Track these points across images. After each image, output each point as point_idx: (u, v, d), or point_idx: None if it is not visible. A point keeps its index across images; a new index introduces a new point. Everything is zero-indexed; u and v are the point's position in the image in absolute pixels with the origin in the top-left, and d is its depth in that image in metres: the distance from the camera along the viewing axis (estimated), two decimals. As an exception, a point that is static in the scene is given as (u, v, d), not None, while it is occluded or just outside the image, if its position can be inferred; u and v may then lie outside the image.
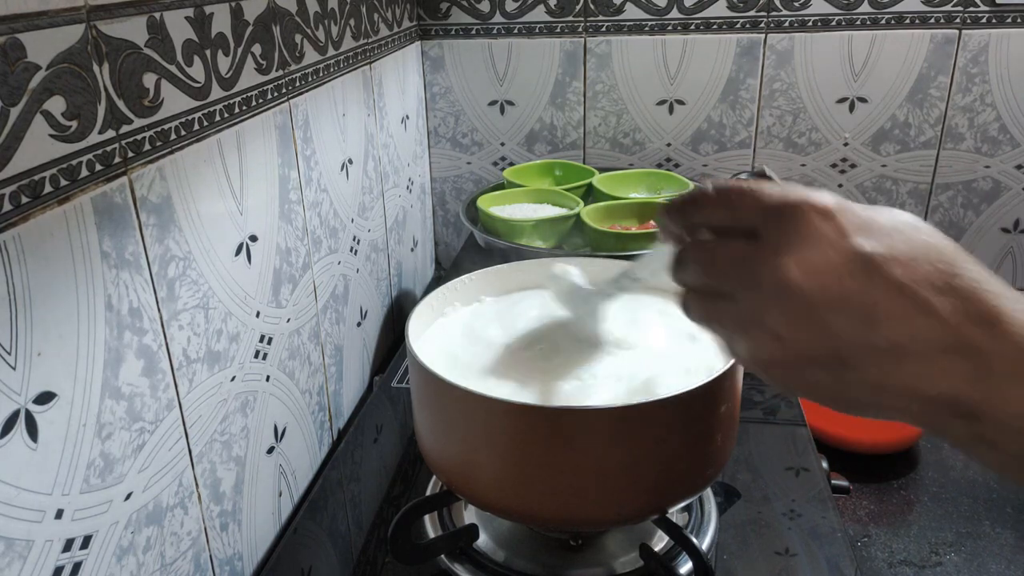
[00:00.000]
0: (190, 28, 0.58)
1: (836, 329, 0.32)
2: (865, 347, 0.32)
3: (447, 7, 1.22)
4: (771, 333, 0.34)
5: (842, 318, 0.32)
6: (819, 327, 0.33)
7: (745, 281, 0.35)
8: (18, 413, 0.42)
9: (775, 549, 0.64)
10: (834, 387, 0.34)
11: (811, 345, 0.33)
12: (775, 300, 0.33)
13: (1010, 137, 1.17)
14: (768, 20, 1.16)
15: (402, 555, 0.57)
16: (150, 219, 0.53)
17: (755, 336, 0.35)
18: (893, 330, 0.32)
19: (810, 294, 0.32)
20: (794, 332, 0.33)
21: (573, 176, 1.16)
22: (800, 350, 0.34)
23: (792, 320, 0.33)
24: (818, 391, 0.34)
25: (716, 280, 0.36)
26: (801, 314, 0.33)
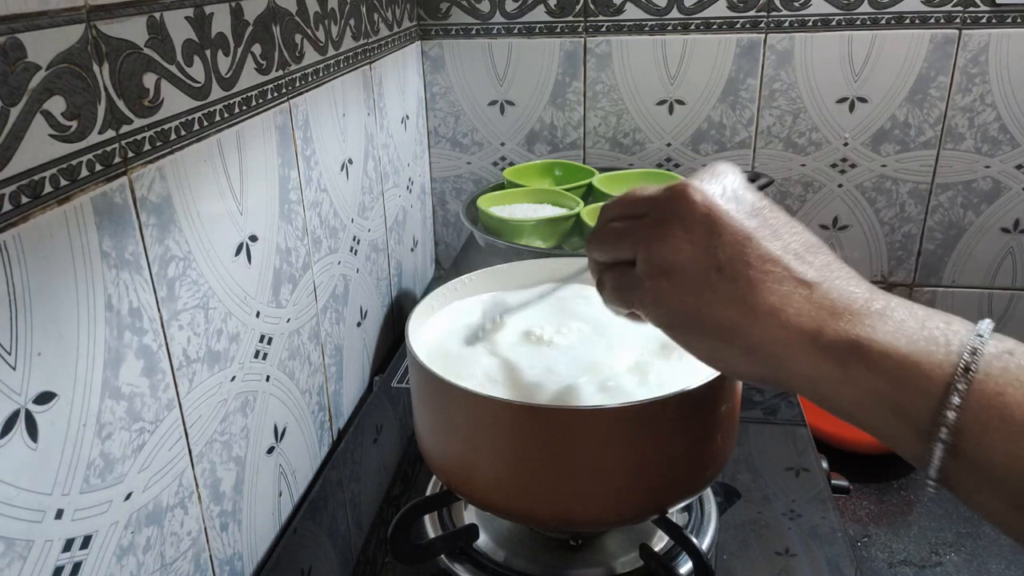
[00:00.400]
0: (190, 28, 0.58)
1: (719, 244, 0.39)
2: (739, 259, 0.38)
3: (447, 7, 1.22)
4: (661, 268, 0.40)
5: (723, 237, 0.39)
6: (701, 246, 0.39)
7: (640, 237, 0.42)
8: (18, 413, 0.42)
9: (775, 549, 0.64)
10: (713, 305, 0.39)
11: (699, 260, 0.39)
12: (661, 239, 0.41)
13: (1010, 137, 1.17)
14: (768, 20, 1.16)
15: (402, 555, 0.57)
16: (150, 219, 0.53)
17: (653, 280, 0.41)
18: (765, 249, 0.38)
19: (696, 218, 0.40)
20: (679, 256, 0.40)
21: (573, 176, 1.16)
22: (690, 268, 0.39)
23: (673, 247, 0.40)
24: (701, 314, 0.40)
25: (616, 247, 0.44)
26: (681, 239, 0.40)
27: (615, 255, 0.45)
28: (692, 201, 0.40)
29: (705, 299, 0.39)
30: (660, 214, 0.41)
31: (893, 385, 0.35)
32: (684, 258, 0.40)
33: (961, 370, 0.33)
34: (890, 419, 0.36)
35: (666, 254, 0.40)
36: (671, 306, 0.41)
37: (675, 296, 0.40)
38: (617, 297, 0.45)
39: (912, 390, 0.35)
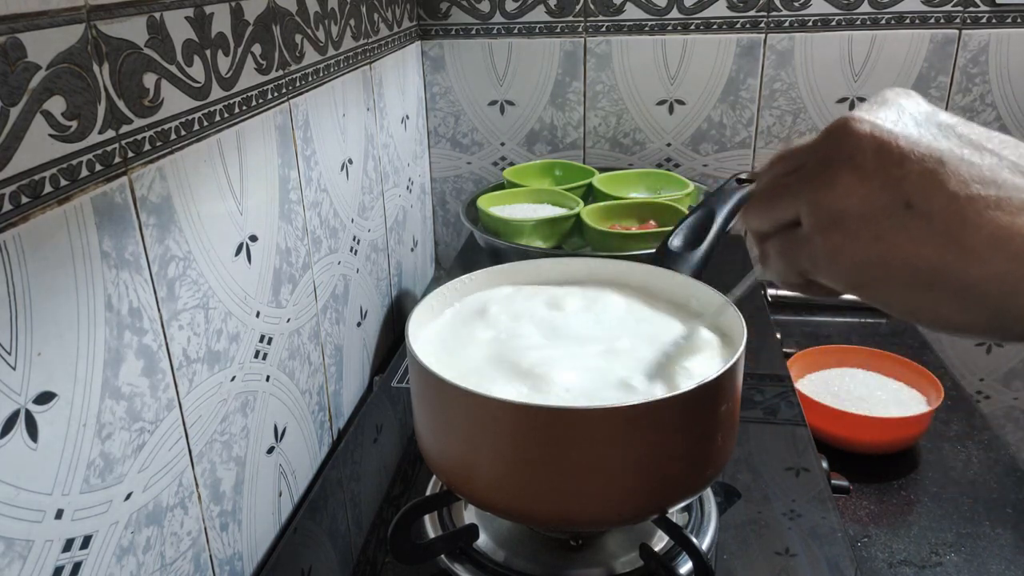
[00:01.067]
0: (190, 28, 0.58)
1: (902, 176, 0.32)
2: (933, 189, 0.32)
3: (447, 7, 1.22)
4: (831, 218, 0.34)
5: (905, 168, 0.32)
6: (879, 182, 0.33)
7: (801, 189, 0.36)
8: (18, 413, 0.42)
9: (775, 549, 0.64)
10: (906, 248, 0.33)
11: (880, 201, 0.33)
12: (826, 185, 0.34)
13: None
14: (768, 20, 1.16)
15: (402, 555, 0.57)
16: (150, 219, 0.53)
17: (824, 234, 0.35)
18: (969, 172, 0.32)
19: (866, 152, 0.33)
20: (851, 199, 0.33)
21: (573, 176, 1.17)
22: (869, 213, 0.33)
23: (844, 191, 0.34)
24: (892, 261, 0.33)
25: (773, 207, 0.38)
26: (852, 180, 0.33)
27: (774, 218, 0.38)
28: (858, 134, 0.34)
29: (895, 243, 0.33)
30: (822, 157, 0.35)
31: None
32: (858, 200, 0.33)
33: None
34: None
35: (834, 200, 0.34)
36: (852, 259, 0.34)
37: (855, 246, 0.34)
38: (785, 265, 0.38)
39: None
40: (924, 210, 0.32)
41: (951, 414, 1.04)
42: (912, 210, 0.32)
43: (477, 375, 0.57)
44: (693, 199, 1.08)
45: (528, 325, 0.63)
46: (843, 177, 0.34)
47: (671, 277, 0.67)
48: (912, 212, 0.32)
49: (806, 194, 0.35)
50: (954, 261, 0.32)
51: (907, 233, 0.32)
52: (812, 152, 0.36)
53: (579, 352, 0.59)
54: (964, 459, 0.97)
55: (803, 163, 0.36)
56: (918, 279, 0.33)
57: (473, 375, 0.57)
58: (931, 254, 0.32)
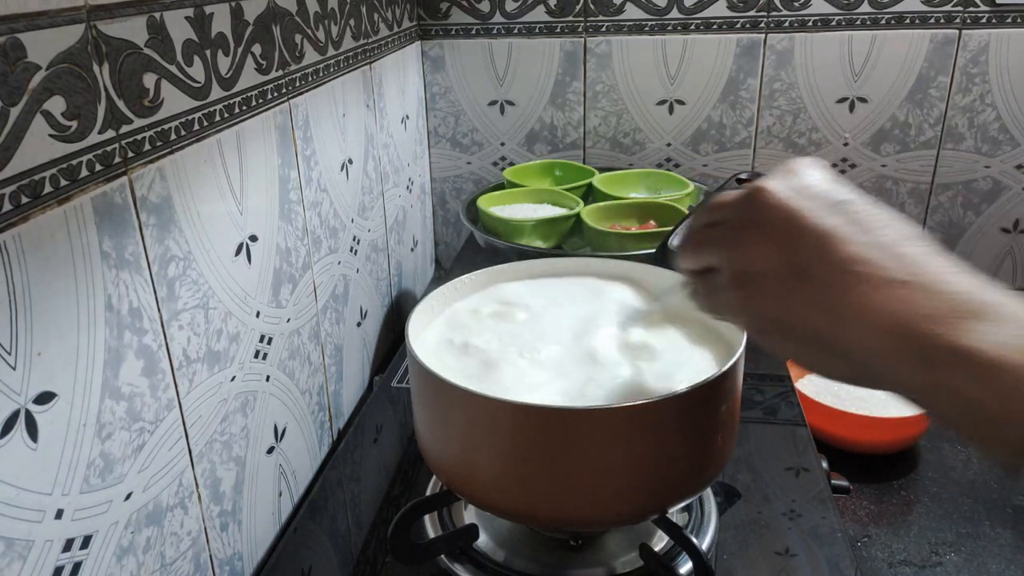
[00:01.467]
0: (190, 28, 0.58)
1: (799, 247, 0.37)
2: (820, 261, 0.37)
3: (447, 7, 1.22)
4: (742, 275, 0.40)
5: (803, 239, 0.37)
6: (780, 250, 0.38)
7: (721, 244, 0.42)
8: (18, 413, 0.42)
9: (775, 549, 0.64)
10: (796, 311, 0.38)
11: (778, 265, 0.38)
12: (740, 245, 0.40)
13: (1010, 137, 1.17)
14: (768, 20, 1.16)
15: (402, 555, 0.57)
16: (150, 219, 0.53)
17: (736, 287, 0.40)
18: (848, 250, 0.36)
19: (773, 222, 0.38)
20: (758, 262, 0.39)
21: (573, 176, 1.17)
22: (770, 274, 0.38)
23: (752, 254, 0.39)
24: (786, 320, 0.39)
25: (700, 255, 0.44)
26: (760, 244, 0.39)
27: (700, 263, 0.44)
28: (767, 204, 0.38)
29: (788, 305, 0.38)
30: (738, 219, 0.40)
31: (996, 399, 0.32)
32: (764, 264, 0.39)
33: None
34: (983, 428, 0.33)
35: (745, 261, 0.40)
36: (756, 313, 0.40)
37: (758, 303, 0.39)
38: (707, 305, 0.45)
39: (1015, 403, 0.32)
40: (812, 279, 0.37)
41: (951, 414, 1.04)
42: (803, 278, 0.37)
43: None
44: (693, 199, 1.08)
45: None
46: (754, 241, 0.39)
47: (671, 277, 0.67)
48: (803, 280, 0.37)
49: (724, 250, 0.41)
50: (829, 325, 0.37)
51: (797, 297, 0.38)
52: (733, 211, 0.41)
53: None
54: (964, 459, 0.97)
55: (725, 219, 0.42)
56: (804, 336, 0.38)
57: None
58: (814, 317, 0.37)
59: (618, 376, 0.56)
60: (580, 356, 0.58)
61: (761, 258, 0.39)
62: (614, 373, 0.56)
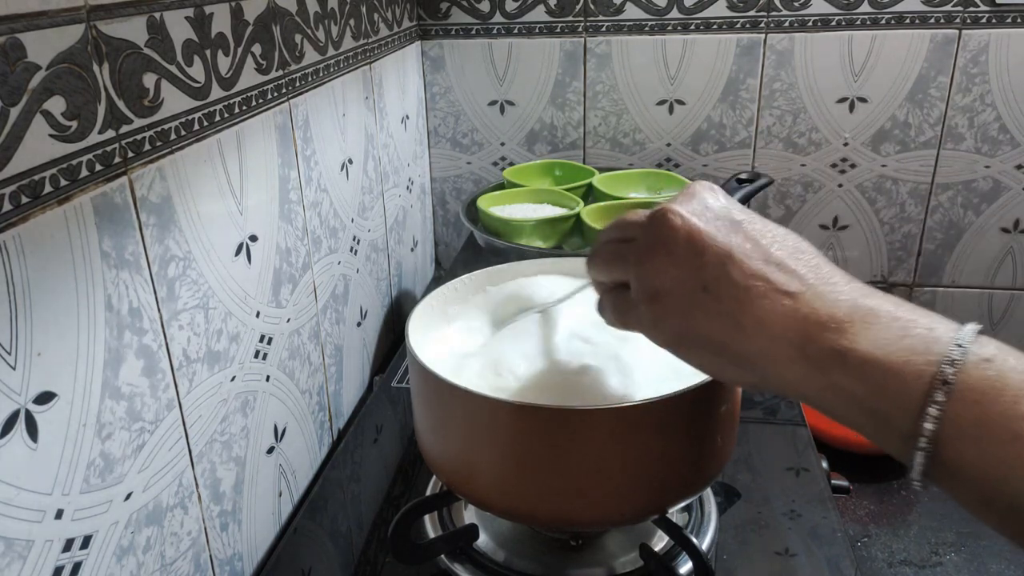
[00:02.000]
0: (190, 28, 0.58)
1: (702, 264, 0.40)
2: (722, 278, 0.40)
3: (447, 7, 1.22)
4: (651, 292, 0.43)
5: (705, 258, 0.40)
6: (686, 268, 0.41)
7: (631, 262, 0.44)
8: (18, 413, 0.42)
9: (775, 549, 0.64)
10: (702, 323, 0.41)
11: (685, 282, 0.41)
12: (649, 264, 0.43)
13: (1010, 137, 1.17)
14: (768, 20, 1.16)
15: (402, 555, 0.57)
16: (150, 219, 0.53)
17: (646, 304, 0.43)
18: (747, 266, 0.40)
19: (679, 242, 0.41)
20: (666, 280, 0.42)
21: (573, 176, 1.17)
22: (678, 290, 0.41)
23: (660, 272, 0.42)
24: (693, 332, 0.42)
25: (610, 269, 0.47)
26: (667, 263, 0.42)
27: (610, 277, 0.47)
28: (672, 225, 0.41)
29: (695, 318, 0.41)
30: (646, 240, 0.43)
31: (874, 394, 0.36)
32: (671, 282, 0.41)
33: (939, 381, 0.34)
34: (873, 424, 0.37)
35: (654, 279, 0.42)
36: (665, 327, 0.43)
37: (667, 318, 0.42)
38: (616, 319, 0.48)
39: (892, 399, 0.35)
40: (716, 294, 0.40)
41: (951, 414, 1.04)
42: (708, 293, 0.40)
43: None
44: (693, 199, 1.08)
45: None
46: (659, 260, 0.42)
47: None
48: (707, 294, 0.40)
49: (633, 267, 0.44)
50: (734, 337, 0.40)
51: (703, 311, 0.41)
52: (641, 231, 0.44)
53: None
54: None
55: (634, 237, 0.44)
56: (711, 348, 0.41)
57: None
58: (718, 329, 0.40)
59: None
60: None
61: (669, 276, 0.41)
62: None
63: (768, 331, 0.39)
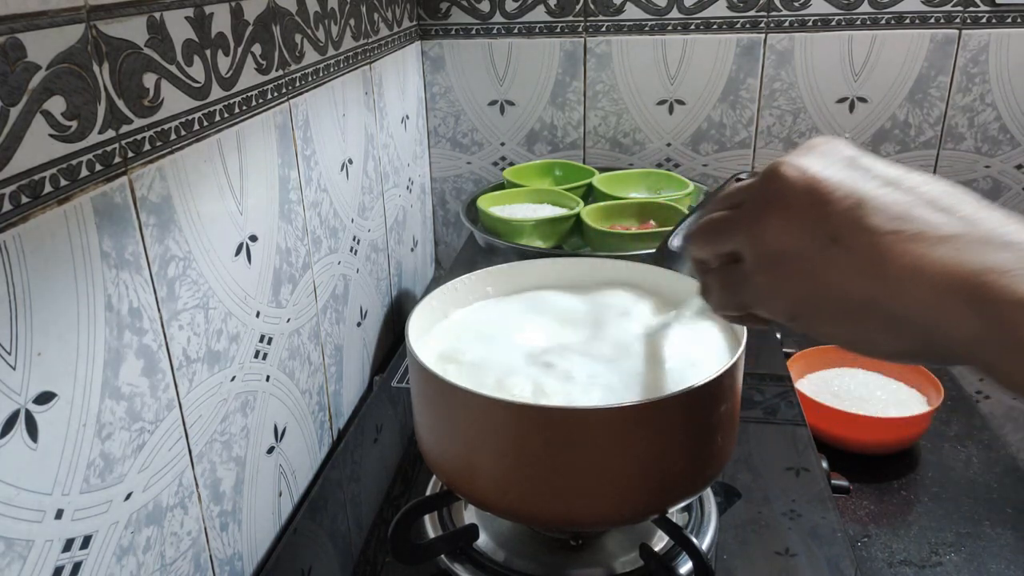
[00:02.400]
0: (190, 28, 0.58)
1: (828, 214, 0.35)
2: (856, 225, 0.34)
3: (447, 7, 1.22)
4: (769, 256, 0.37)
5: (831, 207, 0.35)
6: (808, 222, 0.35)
7: (741, 228, 0.39)
8: (18, 413, 0.42)
9: (775, 549, 0.64)
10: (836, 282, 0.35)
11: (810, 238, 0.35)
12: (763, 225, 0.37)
13: (1010, 137, 1.17)
14: (768, 20, 1.16)
15: (402, 555, 0.57)
16: (150, 219, 0.53)
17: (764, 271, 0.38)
18: (889, 211, 0.34)
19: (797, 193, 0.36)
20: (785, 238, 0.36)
21: (573, 176, 1.16)
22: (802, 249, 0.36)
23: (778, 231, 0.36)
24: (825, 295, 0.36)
25: (716, 240, 0.41)
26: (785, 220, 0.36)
27: (717, 249, 0.41)
28: (787, 177, 0.36)
29: (829, 279, 0.35)
30: (757, 200, 0.38)
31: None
32: (792, 239, 0.36)
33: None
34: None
35: (771, 240, 0.37)
36: (790, 295, 0.37)
37: (791, 283, 0.37)
38: (727, 299, 0.42)
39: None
40: (848, 245, 0.34)
41: (951, 414, 1.04)
42: (838, 245, 0.35)
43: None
44: (693, 199, 1.08)
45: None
46: (776, 217, 0.37)
47: (671, 277, 0.67)
48: (838, 247, 0.35)
49: (744, 232, 0.39)
50: (879, 292, 0.34)
51: (835, 268, 0.35)
52: (749, 192, 0.39)
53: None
54: (964, 459, 0.97)
55: (741, 201, 0.39)
56: (849, 311, 0.35)
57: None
58: (858, 287, 0.34)
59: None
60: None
61: (789, 234, 0.36)
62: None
63: (928, 280, 0.32)
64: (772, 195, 0.37)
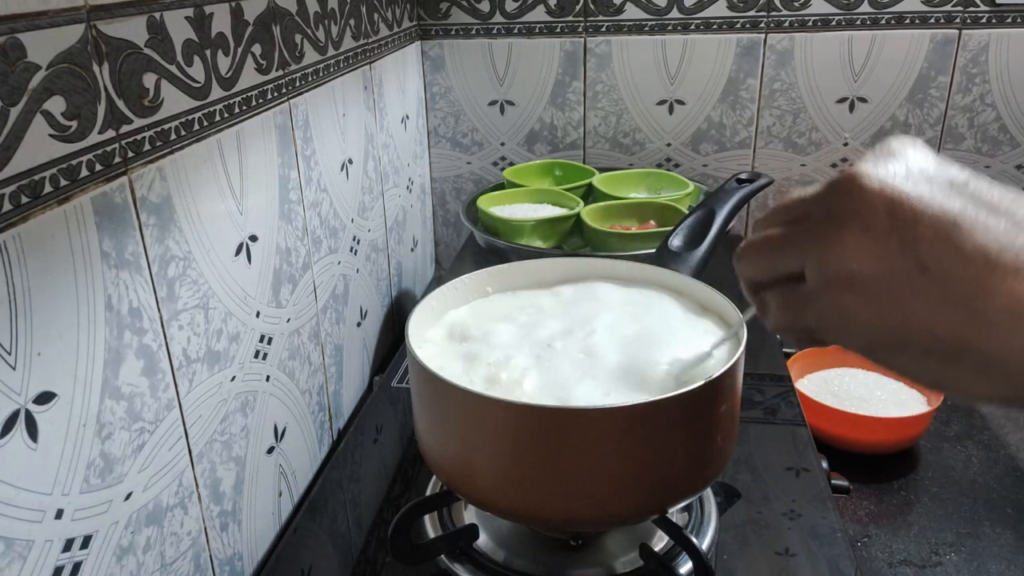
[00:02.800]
0: (190, 28, 0.58)
1: (916, 237, 0.31)
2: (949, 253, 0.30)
3: (447, 7, 1.22)
4: (842, 278, 0.33)
5: (919, 229, 0.31)
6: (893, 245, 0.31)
7: (807, 243, 0.34)
8: (18, 413, 0.42)
9: (775, 549, 0.64)
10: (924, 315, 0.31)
11: (890, 262, 0.31)
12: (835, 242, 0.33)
13: (1010, 137, 1.17)
14: (768, 20, 1.16)
15: (402, 555, 0.57)
16: (150, 219, 0.53)
17: (834, 293, 0.33)
18: (983, 236, 0.30)
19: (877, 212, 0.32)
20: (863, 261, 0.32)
21: (573, 176, 1.17)
22: (879, 279, 0.32)
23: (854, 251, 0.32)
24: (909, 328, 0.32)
25: (775, 259, 0.36)
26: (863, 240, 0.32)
27: (775, 269, 0.37)
28: (867, 190, 0.32)
29: (912, 309, 0.31)
30: (829, 212, 0.33)
31: None
32: (871, 263, 0.32)
33: None
34: None
35: (846, 260, 0.32)
36: (866, 323, 0.33)
37: (869, 310, 0.32)
38: (789, 319, 0.37)
39: None
40: (941, 275, 0.30)
41: (951, 414, 1.04)
42: (928, 274, 0.31)
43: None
44: (693, 199, 1.08)
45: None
46: (853, 236, 0.32)
47: (671, 277, 0.67)
48: (928, 277, 0.31)
49: (812, 249, 0.34)
50: (974, 332, 0.30)
51: (925, 299, 0.31)
52: (817, 204, 0.34)
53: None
54: (964, 459, 0.97)
55: (807, 214, 0.35)
56: (938, 349, 0.31)
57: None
58: (950, 323, 0.30)
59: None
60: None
61: (869, 256, 0.32)
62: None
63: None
64: (847, 209, 0.32)
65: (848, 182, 0.33)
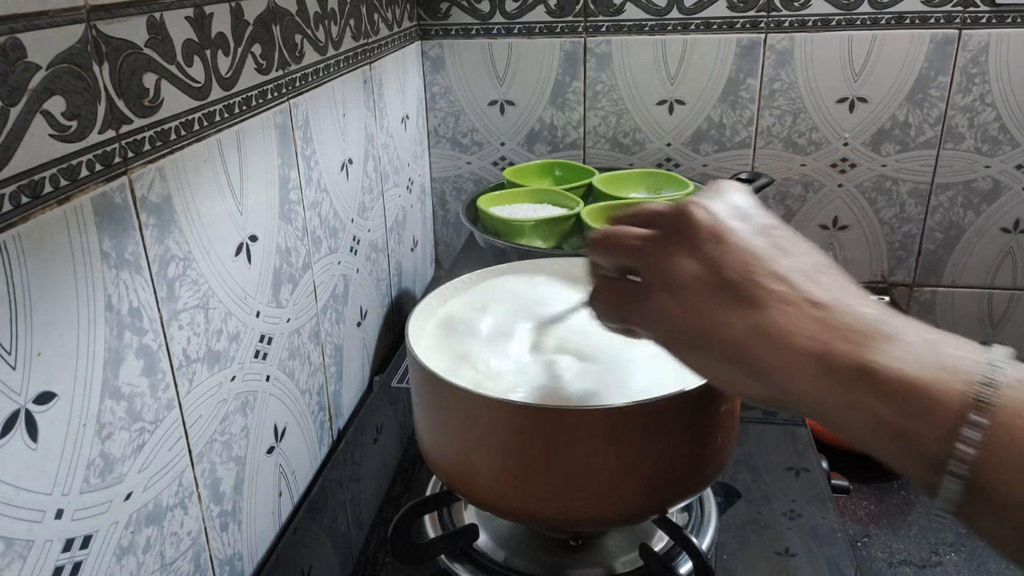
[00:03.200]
0: (190, 28, 0.58)
1: (724, 261, 0.39)
2: (745, 278, 0.38)
3: (447, 7, 1.22)
4: (665, 285, 0.40)
5: (728, 255, 0.39)
6: (706, 264, 0.39)
7: (646, 251, 0.42)
8: (18, 413, 0.42)
9: (775, 549, 0.64)
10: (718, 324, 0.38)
11: (707, 278, 0.39)
12: (666, 255, 0.41)
13: (1010, 137, 1.17)
14: (768, 20, 1.16)
15: (402, 555, 0.57)
16: (150, 219, 0.53)
17: (657, 296, 0.41)
18: (772, 269, 0.38)
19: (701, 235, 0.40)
20: (684, 273, 0.40)
21: (573, 176, 1.16)
22: (698, 286, 0.39)
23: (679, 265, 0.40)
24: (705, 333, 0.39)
25: (621, 253, 0.44)
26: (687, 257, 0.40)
27: (618, 261, 0.44)
28: (697, 219, 0.40)
29: (710, 318, 0.39)
30: (667, 230, 0.41)
31: (901, 414, 0.33)
32: (689, 276, 0.39)
33: (977, 402, 0.32)
34: (897, 448, 0.34)
35: (672, 271, 0.40)
36: (674, 324, 0.40)
37: (678, 311, 0.40)
38: (614, 310, 0.45)
39: (921, 420, 0.33)
40: (737, 293, 0.38)
41: (951, 414, 1.04)
42: (727, 291, 0.38)
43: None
44: (693, 199, 1.08)
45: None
46: (681, 252, 0.40)
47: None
48: (727, 293, 0.38)
49: (650, 255, 0.42)
50: (751, 342, 0.37)
51: (722, 310, 0.38)
52: (663, 220, 0.42)
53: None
54: (964, 459, 0.97)
55: (654, 225, 0.42)
56: (724, 354, 0.39)
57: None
58: (737, 334, 0.38)
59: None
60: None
61: (690, 270, 0.40)
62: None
63: (790, 340, 0.36)
64: (681, 230, 0.41)
65: (686, 209, 0.41)
